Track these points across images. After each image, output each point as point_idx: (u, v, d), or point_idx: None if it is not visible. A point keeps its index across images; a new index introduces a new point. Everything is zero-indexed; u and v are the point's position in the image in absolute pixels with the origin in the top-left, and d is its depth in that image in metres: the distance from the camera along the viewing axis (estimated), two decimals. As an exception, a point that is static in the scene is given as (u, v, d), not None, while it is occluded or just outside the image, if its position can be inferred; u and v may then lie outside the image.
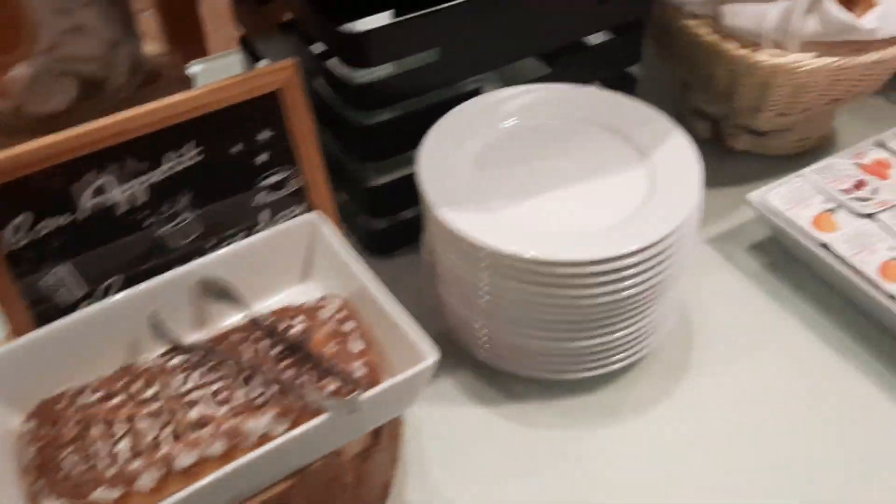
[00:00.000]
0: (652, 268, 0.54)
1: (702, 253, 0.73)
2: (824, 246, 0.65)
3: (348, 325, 0.52)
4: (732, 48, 0.70)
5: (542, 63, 0.72)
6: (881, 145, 0.74)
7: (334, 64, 0.65)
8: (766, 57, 0.68)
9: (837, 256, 0.64)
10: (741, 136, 0.80)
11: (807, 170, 0.71)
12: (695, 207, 0.56)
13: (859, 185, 0.70)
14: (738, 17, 0.69)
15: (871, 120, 0.85)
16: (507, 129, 0.64)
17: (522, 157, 0.61)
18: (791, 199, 0.69)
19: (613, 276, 0.52)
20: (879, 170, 0.72)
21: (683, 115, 0.81)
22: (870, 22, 0.66)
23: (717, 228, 0.75)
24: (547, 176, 0.60)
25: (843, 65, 0.67)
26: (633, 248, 0.52)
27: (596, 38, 0.73)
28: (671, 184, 0.57)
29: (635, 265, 0.53)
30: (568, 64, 0.71)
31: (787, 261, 0.71)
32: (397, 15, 0.67)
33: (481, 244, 0.53)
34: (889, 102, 0.89)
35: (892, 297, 0.61)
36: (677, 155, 0.59)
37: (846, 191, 0.69)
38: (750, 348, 0.65)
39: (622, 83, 0.77)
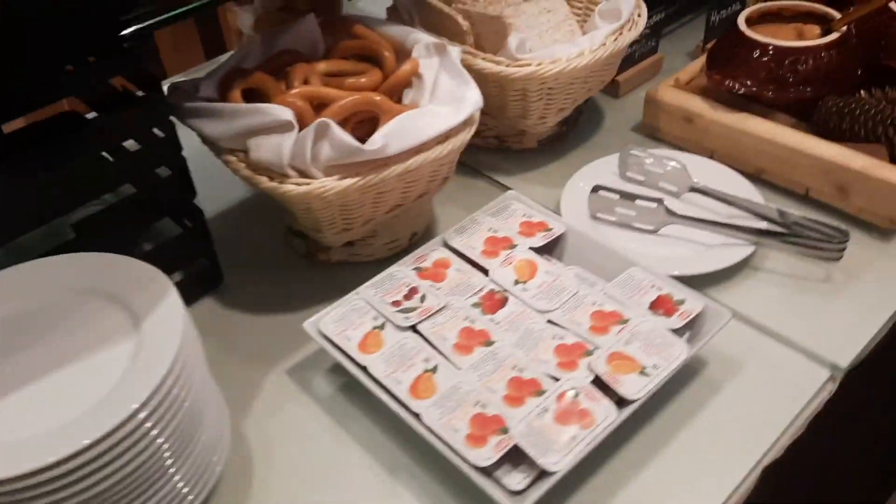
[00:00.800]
0: (119, 456, 0.51)
1: (279, 383, 0.72)
2: (365, 369, 0.66)
3: None
4: (264, 181, 0.70)
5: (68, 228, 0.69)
6: (445, 244, 0.76)
7: None
8: (291, 186, 0.68)
9: (374, 379, 0.64)
10: (334, 249, 0.81)
11: (364, 285, 0.72)
12: (164, 374, 0.53)
13: (410, 293, 0.71)
14: (261, 149, 0.69)
15: (465, 206, 0.88)
16: None
17: None
18: (345, 320, 0.69)
19: (60, 483, 0.50)
20: (437, 272, 0.73)
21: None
22: (374, 143, 0.67)
23: (305, 352, 0.74)
24: (14, 372, 0.55)
25: (368, 182, 0.68)
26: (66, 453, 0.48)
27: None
28: (149, 355, 0.55)
29: (88, 464, 0.50)
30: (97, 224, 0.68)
31: (355, 382, 0.69)
32: None
33: None
34: (490, 184, 0.93)
35: (417, 416, 0.61)
36: (165, 321, 0.57)
37: (395, 303, 0.70)
38: (314, 483, 0.64)
39: (192, 216, 0.76)
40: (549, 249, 0.77)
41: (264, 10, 1.04)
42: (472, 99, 0.73)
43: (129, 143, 0.71)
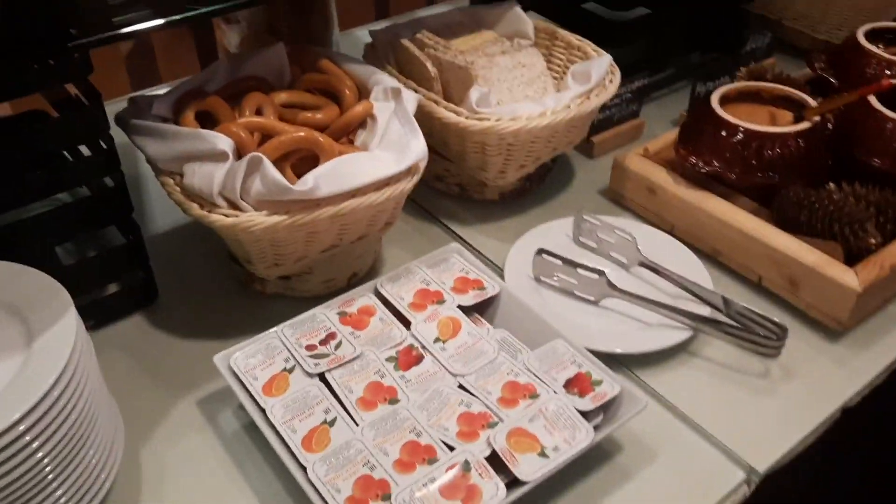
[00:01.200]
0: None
1: (187, 412, 0.70)
2: (264, 411, 0.64)
3: None
4: (195, 207, 0.69)
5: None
6: (375, 291, 0.75)
7: None
8: (219, 217, 0.67)
9: (270, 424, 0.63)
10: (269, 281, 0.80)
11: (283, 324, 0.71)
12: (45, 391, 0.52)
13: (327, 339, 0.69)
14: (194, 176, 0.69)
15: (412, 251, 0.87)
16: None
17: None
18: (257, 357, 0.68)
19: None
20: (360, 319, 0.72)
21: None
22: (304, 183, 0.66)
23: (219, 384, 0.73)
24: None
25: (296, 221, 0.67)
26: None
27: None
28: (34, 371, 0.54)
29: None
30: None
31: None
32: None
33: None
34: (444, 231, 0.91)
35: (303, 468, 0.60)
36: (57, 338, 0.56)
37: (310, 347, 0.68)
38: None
39: (128, 231, 0.76)
40: (483, 309, 0.76)
41: (251, 30, 1.05)
42: (416, 149, 0.72)
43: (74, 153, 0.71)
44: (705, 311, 0.76)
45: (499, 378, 0.66)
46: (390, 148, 0.73)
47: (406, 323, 0.72)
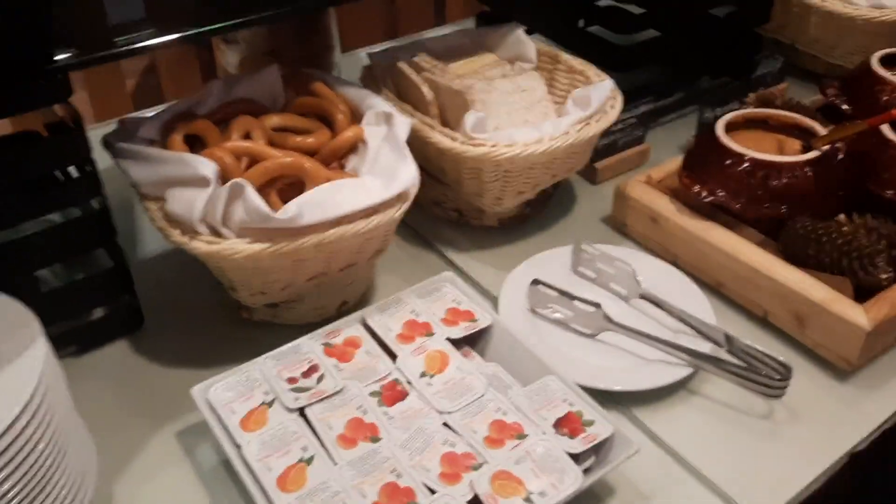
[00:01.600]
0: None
1: (165, 444, 0.68)
2: (239, 447, 0.62)
3: None
4: (176, 234, 0.67)
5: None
6: (362, 321, 0.72)
7: None
8: (200, 244, 0.66)
9: (244, 461, 0.60)
10: (256, 308, 0.77)
11: (265, 355, 0.68)
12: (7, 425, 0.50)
13: (310, 371, 0.67)
14: (175, 202, 0.67)
15: (406, 279, 0.84)
16: None
17: None
18: (236, 389, 0.66)
19: None
20: (346, 351, 0.69)
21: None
22: (287, 211, 0.64)
23: (200, 415, 0.70)
24: None
25: (279, 249, 0.65)
26: None
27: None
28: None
29: None
30: None
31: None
32: None
33: None
34: (431, 252, 0.89)
35: (279, 510, 0.57)
36: (23, 369, 0.54)
37: (291, 379, 0.66)
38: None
39: (112, 255, 0.74)
40: (475, 341, 0.73)
41: (250, 51, 1.04)
42: (405, 175, 0.70)
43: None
44: (707, 347, 0.73)
45: (486, 416, 0.63)
46: (380, 174, 0.71)
47: (393, 356, 0.69)
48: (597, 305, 0.74)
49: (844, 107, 0.95)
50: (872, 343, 0.72)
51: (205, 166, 0.67)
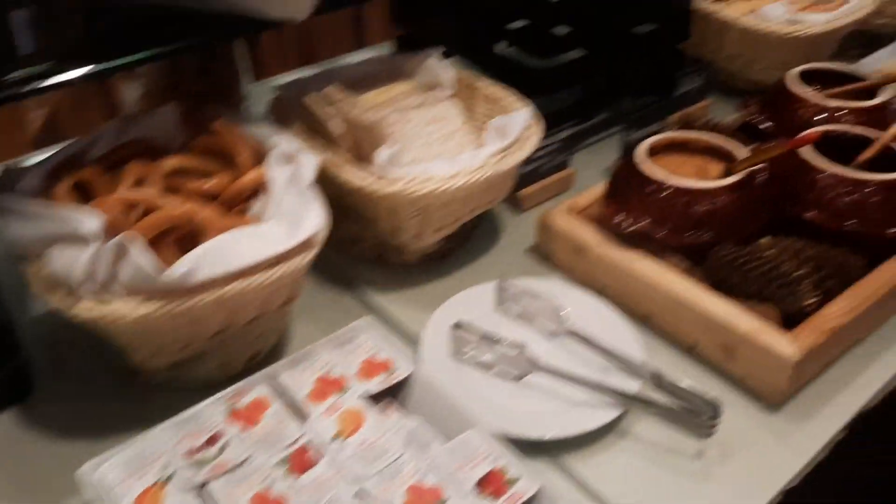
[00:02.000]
0: None
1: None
2: (132, 534, 0.56)
3: None
4: (55, 298, 0.61)
5: None
6: (272, 379, 0.68)
7: None
8: (82, 309, 0.60)
9: (137, 550, 0.55)
10: (157, 369, 0.72)
11: (161, 425, 0.63)
12: None
13: (212, 440, 0.62)
14: (56, 262, 0.61)
15: (322, 325, 0.79)
16: None
17: None
18: (130, 466, 0.60)
19: None
20: (252, 414, 0.64)
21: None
22: (176, 270, 0.59)
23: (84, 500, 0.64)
24: None
25: (172, 310, 0.60)
26: None
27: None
28: None
29: None
30: None
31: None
32: None
33: None
34: (350, 294, 0.85)
35: None
36: None
37: (192, 451, 0.61)
38: None
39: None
40: (397, 391, 0.69)
41: (150, 86, 0.98)
42: (311, 220, 0.65)
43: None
44: (635, 385, 0.71)
45: (402, 481, 0.59)
46: (285, 219, 0.67)
47: (304, 416, 0.64)
48: (520, 347, 0.71)
49: (763, 126, 0.95)
50: (801, 372, 0.71)
51: (87, 222, 0.61)
